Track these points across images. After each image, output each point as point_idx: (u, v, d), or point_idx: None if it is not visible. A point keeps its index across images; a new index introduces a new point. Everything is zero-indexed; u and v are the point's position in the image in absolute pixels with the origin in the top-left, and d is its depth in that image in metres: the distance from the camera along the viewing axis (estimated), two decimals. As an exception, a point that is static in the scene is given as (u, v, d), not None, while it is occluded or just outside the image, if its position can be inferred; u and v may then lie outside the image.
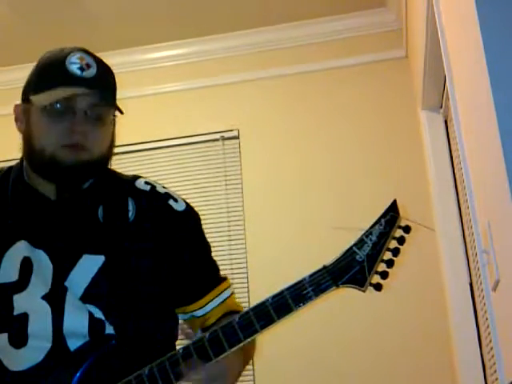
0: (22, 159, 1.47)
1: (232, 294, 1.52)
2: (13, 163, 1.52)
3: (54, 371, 1.30)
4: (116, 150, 1.37)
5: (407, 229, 1.33)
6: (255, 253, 3.58)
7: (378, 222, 1.30)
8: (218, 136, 3.83)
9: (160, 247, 1.43)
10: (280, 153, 3.73)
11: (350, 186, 3.59)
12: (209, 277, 1.51)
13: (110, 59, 1.54)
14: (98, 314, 1.35)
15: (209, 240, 1.60)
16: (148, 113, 3.94)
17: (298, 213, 3.60)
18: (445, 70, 2.37)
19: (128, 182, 1.51)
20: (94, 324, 1.34)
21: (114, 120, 1.48)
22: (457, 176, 3.18)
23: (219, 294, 1.49)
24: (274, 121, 3.80)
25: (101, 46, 3.93)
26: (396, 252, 1.30)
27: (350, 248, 1.30)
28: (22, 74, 1.51)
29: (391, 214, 1.31)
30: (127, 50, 3.97)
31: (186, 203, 1.53)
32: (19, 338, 1.33)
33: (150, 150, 3.88)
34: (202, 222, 1.58)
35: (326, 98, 3.77)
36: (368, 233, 1.30)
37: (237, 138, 3.82)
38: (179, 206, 1.50)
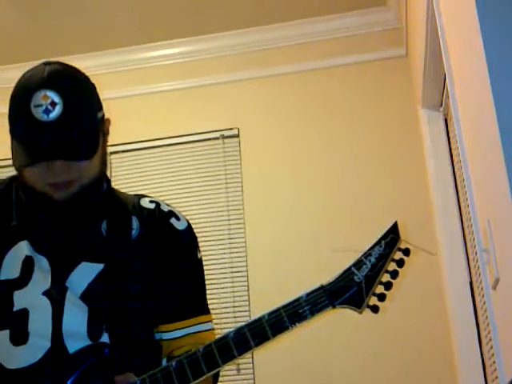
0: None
1: (211, 330, 1.48)
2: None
3: (49, 372, 1.30)
4: (116, 148, 1.36)
5: (407, 251, 1.32)
6: (255, 251, 3.58)
7: (378, 243, 1.30)
8: (218, 134, 3.83)
9: (156, 264, 1.43)
10: (280, 151, 3.73)
11: (349, 185, 3.59)
12: (188, 304, 1.47)
13: (110, 58, 1.54)
14: (97, 314, 1.35)
15: (209, 238, 1.60)
16: (148, 111, 3.94)
17: (298, 211, 3.60)
18: (445, 69, 2.37)
19: (133, 201, 1.51)
20: (93, 324, 1.35)
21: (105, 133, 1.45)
22: (457, 174, 3.18)
23: (195, 325, 1.45)
24: (274, 119, 3.80)
25: (101, 44, 3.96)
26: (395, 274, 1.30)
27: (349, 268, 1.30)
28: (21, 72, 1.51)
29: (392, 235, 1.31)
30: (128, 49, 3.97)
31: (188, 222, 1.52)
32: (20, 336, 1.33)
33: (150, 148, 3.88)
34: (203, 221, 1.59)
35: (326, 96, 3.78)
36: (367, 254, 1.30)
37: (237, 136, 3.83)
38: (180, 225, 1.49)
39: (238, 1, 3.65)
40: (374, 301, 1.29)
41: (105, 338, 1.35)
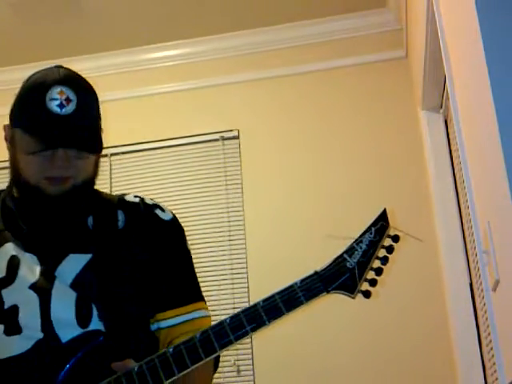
0: (11, 182, 1.52)
1: (208, 316, 1.51)
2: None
3: (41, 362, 1.32)
4: (116, 150, 1.38)
5: (396, 238, 1.34)
6: (255, 253, 3.58)
7: (368, 230, 1.33)
8: (218, 136, 3.83)
9: (144, 253, 1.46)
10: (280, 153, 3.73)
11: (349, 186, 3.59)
12: (183, 291, 1.51)
13: (111, 59, 1.56)
14: (86, 300, 1.38)
15: (208, 240, 1.62)
16: (148, 113, 3.94)
17: (298, 213, 3.60)
18: (445, 70, 2.37)
19: (117, 197, 1.56)
20: (81, 310, 1.37)
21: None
22: (457, 176, 3.18)
23: (192, 311, 1.48)
24: (274, 121, 3.80)
25: (100, 46, 3.96)
26: (385, 260, 1.33)
27: (341, 255, 1.34)
28: (22, 74, 1.53)
29: (381, 223, 1.34)
30: (128, 50, 3.97)
31: (173, 214, 1.56)
32: (13, 329, 1.36)
33: (150, 150, 3.88)
34: (203, 223, 1.61)
35: (326, 98, 3.78)
36: (358, 241, 1.33)
37: (237, 138, 3.83)
38: (166, 216, 1.53)
39: (240, 2, 3.65)
40: (365, 286, 1.32)
41: (95, 325, 1.37)
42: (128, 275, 1.43)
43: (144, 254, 1.46)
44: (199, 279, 1.56)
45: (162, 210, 1.54)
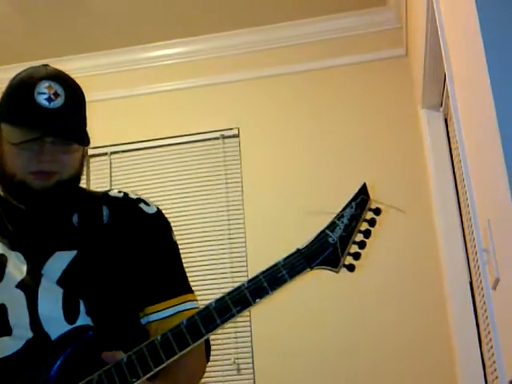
0: None
1: (197, 308, 1.48)
2: None
3: (32, 360, 1.33)
4: (116, 148, 1.37)
5: (378, 211, 1.34)
6: (255, 250, 3.58)
7: (348, 204, 1.35)
8: (218, 134, 3.83)
9: (130, 247, 1.47)
10: (280, 151, 3.73)
11: (349, 184, 3.57)
12: (172, 283, 1.50)
13: (110, 58, 1.56)
14: (73, 295, 1.38)
15: (209, 238, 1.61)
16: (148, 111, 3.94)
17: (298, 211, 3.60)
18: (445, 69, 2.37)
19: (101, 193, 1.57)
20: (68, 306, 1.37)
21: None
22: (457, 174, 3.18)
23: (180, 304, 1.47)
24: (274, 119, 3.80)
25: (99, 45, 3.96)
26: (368, 234, 1.32)
27: (323, 231, 1.35)
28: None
29: (362, 196, 1.36)
30: (127, 49, 3.97)
31: (157, 208, 1.56)
32: (4, 330, 1.37)
33: (150, 148, 3.88)
34: (203, 221, 1.60)
35: (326, 96, 3.78)
36: (340, 216, 1.34)
37: (237, 136, 3.83)
38: (150, 210, 1.53)
39: (240, 0, 3.65)
40: (349, 260, 1.31)
41: (83, 321, 1.37)
42: (114, 270, 1.43)
43: (129, 248, 1.46)
44: (200, 276, 1.57)
45: (147, 203, 1.54)
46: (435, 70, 2.96)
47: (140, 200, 1.54)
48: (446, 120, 3.35)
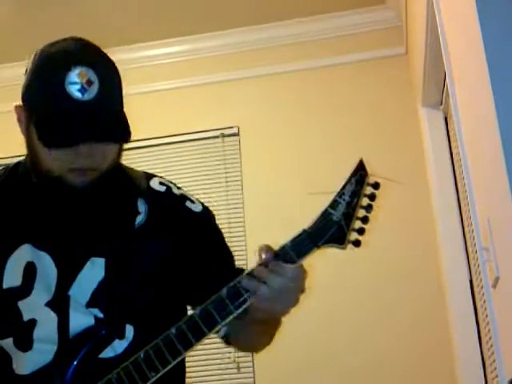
0: (26, 163, 1.41)
1: None
2: (15, 160, 1.47)
3: (56, 374, 1.29)
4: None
5: (376, 185, 1.37)
6: (255, 249, 3.57)
7: (348, 181, 1.36)
8: (217, 133, 3.83)
9: (175, 249, 1.39)
10: (280, 150, 3.73)
11: (350, 183, 3.58)
12: (227, 278, 1.42)
13: (110, 56, 1.52)
14: (109, 320, 1.32)
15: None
16: (147, 110, 3.93)
17: (299, 210, 3.59)
18: (445, 67, 2.37)
19: (141, 181, 1.47)
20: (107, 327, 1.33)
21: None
22: (457, 173, 3.18)
23: None
24: (274, 118, 3.80)
25: (100, 42, 3.95)
26: (369, 208, 1.33)
27: (326, 210, 1.36)
28: (23, 71, 1.48)
29: (360, 172, 1.37)
30: (126, 48, 3.96)
31: (202, 203, 1.48)
32: (25, 343, 1.32)
33: (150, 147, 3.88)
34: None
35: (326, 95, 3.77)
36: (341, 193, 1.36)
37: (237, 134, 3.82)
38: (196, 208, 1.45)
39: (239, -1, 3.65)
40: (355, 236, 1.32)
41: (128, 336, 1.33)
42: (146, 280, 1.36)
43: (173, 250, 1.39)
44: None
45: (192, 201, 1.45)
46: (435, 69, 2.96)
47: (185, 197, 1.45)
48: (446, 118, 3.35)
